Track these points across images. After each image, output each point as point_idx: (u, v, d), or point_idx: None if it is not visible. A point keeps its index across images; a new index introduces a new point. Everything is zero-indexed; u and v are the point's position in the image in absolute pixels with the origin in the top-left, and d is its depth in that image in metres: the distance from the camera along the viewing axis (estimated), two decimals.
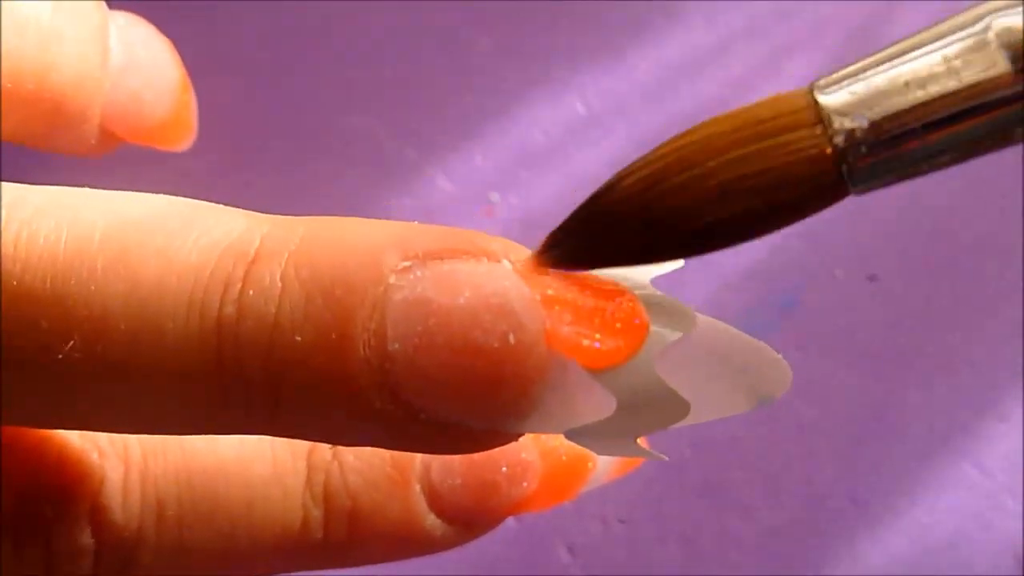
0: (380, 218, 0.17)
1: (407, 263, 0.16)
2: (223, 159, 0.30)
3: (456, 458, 0.20)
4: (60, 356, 0.16)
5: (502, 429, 0.16)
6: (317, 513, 0.19)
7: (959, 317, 0.30)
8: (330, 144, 0.31)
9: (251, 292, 0.15)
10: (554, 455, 0.21)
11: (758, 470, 0.28)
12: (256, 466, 0.19)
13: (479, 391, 0.15)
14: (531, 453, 0.20)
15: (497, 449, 0.19)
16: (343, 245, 0.16)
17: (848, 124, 0.15)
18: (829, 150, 0.15)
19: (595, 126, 0.32)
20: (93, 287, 0.16)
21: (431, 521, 0.20)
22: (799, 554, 0.28)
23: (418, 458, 0.20)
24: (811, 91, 0.15)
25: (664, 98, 0.32)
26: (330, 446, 0.20)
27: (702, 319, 0.17)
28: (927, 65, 0.15)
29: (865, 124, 0.15)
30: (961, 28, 0.15)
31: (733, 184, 0.15)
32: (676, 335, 0.16)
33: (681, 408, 0.16)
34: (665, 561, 0.27)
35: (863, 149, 0.15)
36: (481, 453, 0.19)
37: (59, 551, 0.18)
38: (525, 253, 0.16)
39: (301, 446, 0.20)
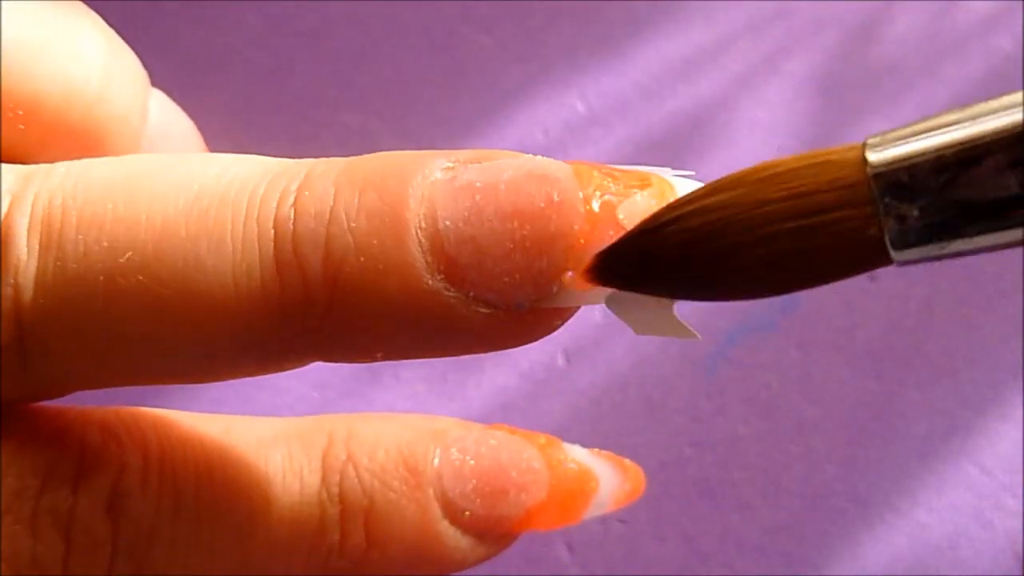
0: None
1: (451, 164, 0.17)
2: None
3: (467, 464, 0.20)
4: (121, 261, 0.16)
5: (548, 300, 0.17)
6: (334, 511, 0.19)
7: (959, 317, 0.30)
8: (329, 143, 0.31)
9: (306, 194, 0.17)
10: (561, 467, 0.21)
11: (758, 470, 0.28)
12: (273, 462, 0.19)
13: (528, 254, 0.16)
14: (539, 462, 0.21)
15: (506, 457, 0.20)
16: (391, 158, 0.17)
17: (901, 207, 0.14)
18: (878, 232, 0.15)
19: (595, 125, 0.32)
20: (153, 203, 0.17)
21: (445, 527, 0.20)
22: (799, 554, 0.27)
23: (430, 464, 0.20)
24: (864, 160, 0.15)
25: (664, 97, 0.32)
26: (344, 449, 0.20)
27: None
28: (978, 147, 0.14)
29: (916, 212, 0.14)
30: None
31: (781, 257, 0.15)
32: None
33: None
34: (665, 560, 0.27)
35: (913, 234, 0.15)
36: (491, 461, 0.20)
37: (78, 541, 0.18)
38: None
39: (316, 448, 0.20)
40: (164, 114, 0.24)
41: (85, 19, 0.21)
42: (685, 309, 0.17)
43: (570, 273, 0.16)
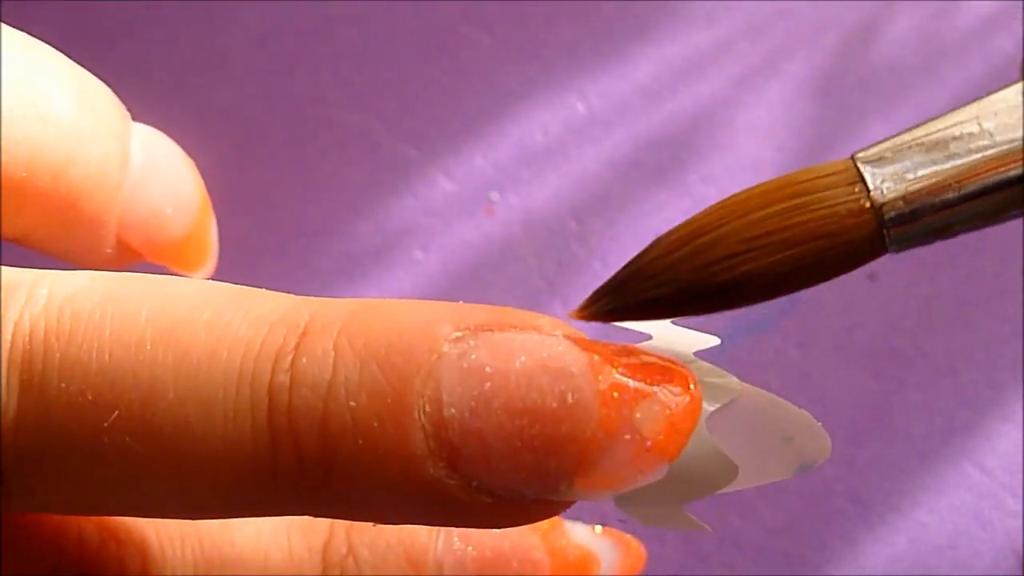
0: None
1: (459, 333, 0.16)
2: (223, 159, 0.30)
3: (469, 555, 0.20)
4: (105, 425, 0.15)
5: (555, 496, 0.16)
6: None
7: (959, 317, 0.30)
8: (330, 143, 0.31)
9: (304, 360, 0.15)
10: (562, 554, 0.21)
11: None
12: (273, 558, 0.19)
13: (536, 454, 0.15)
14: (540, 552, 0.20)
15: (508, 546, 0.20)
16: (395, 318, 0.16)
17: (887, 182, 0.15)
18: (868, 204, 0.15)
19: (595, 125, 0.32)
20: (141, 358, 0.16)
21: None
22: (799, 554, 0.28)
23: (431, 555, 0.20)
24: (850, 158, 0.15)
25: (664, 97, 0.32)
26: (345, 542, 0.20)
27: (747, 387, 0.17)
28: (960, 125, 0.15)
29: (903, 184, 0.15)
30: (999, 99, 0.15)
31: (766, 237, 0.15)
32: (724, 401, 0.17)
33: (729, 472, 0.16)
34: (665, 561, 0.27)
35: (901, 205, 0.15)
36: (492, 551, 0.20)
37: None
38: (573, 329, 0.16)
39: (316, 540, 0.20)
40: (149, 152, 0.23)
41: (49, 68, 0.20)
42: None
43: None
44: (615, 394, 0.15)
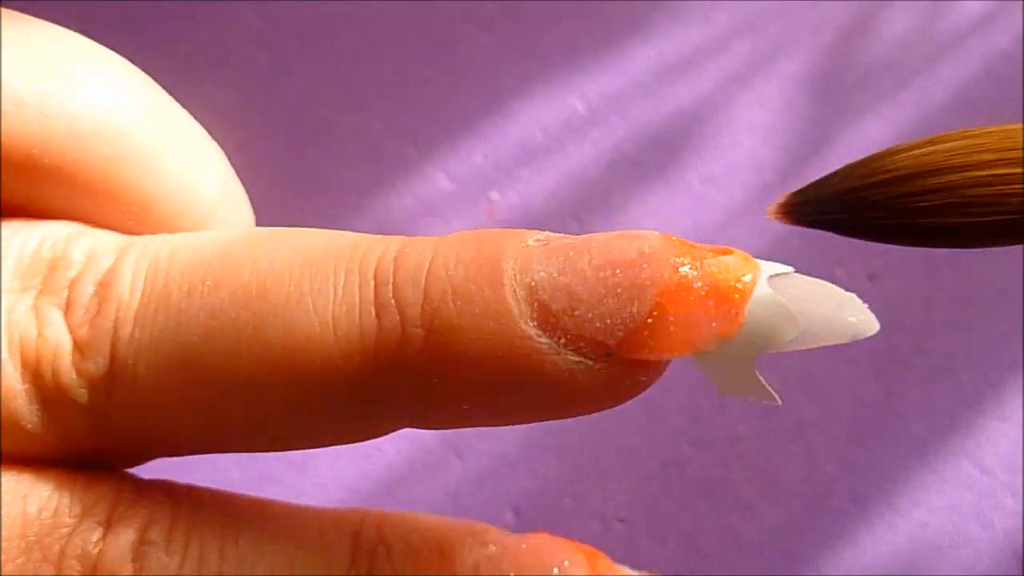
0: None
1: (543, 238, 0.18)
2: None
3: (505, 556, 0.20)
4: (223, 296, 0.18)
5: (636, 348, 0.17)
6: None
7: (959, 317, 0.30)
8: (329, 143, 0.31)
9: (407, 250, 0.18)
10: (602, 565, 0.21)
11: (758, 469, 0.28)
12: (304, 537, 0.20)
13: (619, 299, 0.17)
14: (580, 556, 0.21)
15: (545, 547, 0.20)
16: (486, 231, 0.18)
17: None
18: None
19: (595, 125, 0.32)
20: (259, 252, 0.18)
21: None
22: (799, 553, 0.28)
23: (466, 550, 0.20)
24: None
25: (664, 96, 0.32)
26: (376, 532, 0.20)
27: (795, 275, 0.19)
28: None
29: None
30: None
31: (974, 200, 0.17)
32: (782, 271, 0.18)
33: (792, 325, 0.17)
34: (665, 560, 0.27)
35: None
36: (530, 554, 0.20)
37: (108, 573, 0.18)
38: None
39: (347, 525, 0.20)
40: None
41: (208, 138, 0.23)
42: None
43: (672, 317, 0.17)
44: (688, 259, 0.17)
